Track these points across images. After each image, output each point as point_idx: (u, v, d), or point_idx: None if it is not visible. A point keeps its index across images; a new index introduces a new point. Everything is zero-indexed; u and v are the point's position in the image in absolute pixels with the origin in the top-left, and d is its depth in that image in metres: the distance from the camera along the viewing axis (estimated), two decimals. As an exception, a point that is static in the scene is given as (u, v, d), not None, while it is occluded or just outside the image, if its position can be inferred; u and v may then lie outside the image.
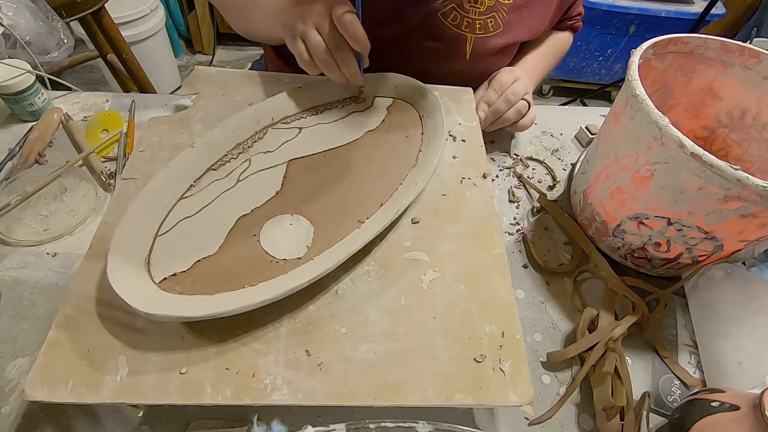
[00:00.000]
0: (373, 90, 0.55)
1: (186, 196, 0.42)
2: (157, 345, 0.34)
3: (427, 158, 0.47)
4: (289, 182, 0.45)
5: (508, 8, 0.60)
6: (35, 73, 0.56)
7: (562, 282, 0.51)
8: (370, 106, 0.54)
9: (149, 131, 0.48)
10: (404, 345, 0.36)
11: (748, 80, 0.50)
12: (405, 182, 0.46)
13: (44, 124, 0.56)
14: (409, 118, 0.53)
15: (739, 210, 0.38)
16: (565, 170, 0.63)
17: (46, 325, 0.41)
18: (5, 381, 0.38)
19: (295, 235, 0.41)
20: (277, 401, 0.32)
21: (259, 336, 0.35)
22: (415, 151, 0.49)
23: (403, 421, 0.33)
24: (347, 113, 0.52)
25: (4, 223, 0.48)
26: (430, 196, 0.46)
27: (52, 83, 0.64)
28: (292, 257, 0.39)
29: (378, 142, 0.50)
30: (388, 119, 0.53)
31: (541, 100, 2.06)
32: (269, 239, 0.40)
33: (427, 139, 0.50)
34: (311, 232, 0.41)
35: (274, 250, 0.40)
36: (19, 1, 1.47)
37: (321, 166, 0.47)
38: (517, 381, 0.35)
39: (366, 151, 0.49)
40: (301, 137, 0.49)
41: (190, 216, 0.41)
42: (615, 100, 0.48)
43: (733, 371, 0.42)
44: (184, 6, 1.89)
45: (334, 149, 0.48)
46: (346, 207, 0.44)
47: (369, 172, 0.47)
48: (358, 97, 0.55)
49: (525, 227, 0.55)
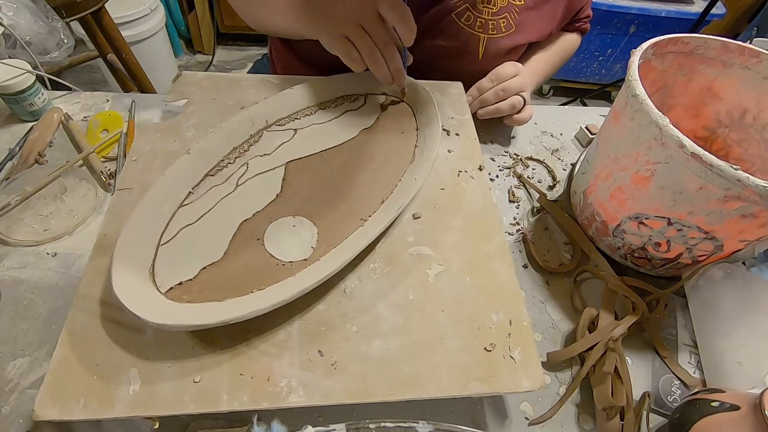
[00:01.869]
0: (366, 88, 0.55)
1: (185, 204, 0.42)
2: (168, 355, 0.34)
3: (424, 153, 0.47)
4: (288, 184, 0.45)
5: (520, 9, 0.61)
6: (35, 73, 0.56)
7: (562, 282, 0.51)
8: (363, 104, 0.54)
9: (140, 140, 0.47)
10: (416, 338, 0.36)
11: (748, 80, 0.50)
12: (404, 178, 0.46)
13: (44, 124, 0.56)
14: (402, 114, 0.53)
15: (739, 210, 0.38)
16: (565, 170, 0.63)
17: (46, 325, 0.42)
18: (5, 381, 0.38)
19: (299, 236, 0.41)
20: (294, 403, 0.32)
21: (271, 339, 0.35)
22: (412, 146, 0.49)
23: (403, 421, 0.33)
24: (341, 112, 0.52)
25: (4, 223, 0.48)
26: (428, 191, 0.46)
27: (52, 83, 0.63)
28: (298, 259, 0.39)
29: (374, 140, 0.50)
30: (382, 116, 0.53)
31: (541, 100, 2.06)
32: (274, 242, 0.40)
33: (422, 135, 0.50)
34: (315, 233, 0.41)
35: (279, 253, 0.40)
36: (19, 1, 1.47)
37: (319, 166, 0.47)
38: (528, 367, 0.36)
39: (363, 149, 0.49)
40: (297, 138, 0.49)
41: (192, 223, 0.41)
42: (615, 100, 0.48)
43: (733, 371, 0.42)
44: (184, 6, 1.89)
45: (331, 149, 0.48)
46: (347, 206, 0.44)
47: (367, 169, 0.47)
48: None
49: (525, 227, 0.55)
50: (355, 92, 0.55)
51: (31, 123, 0.57)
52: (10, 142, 0.55)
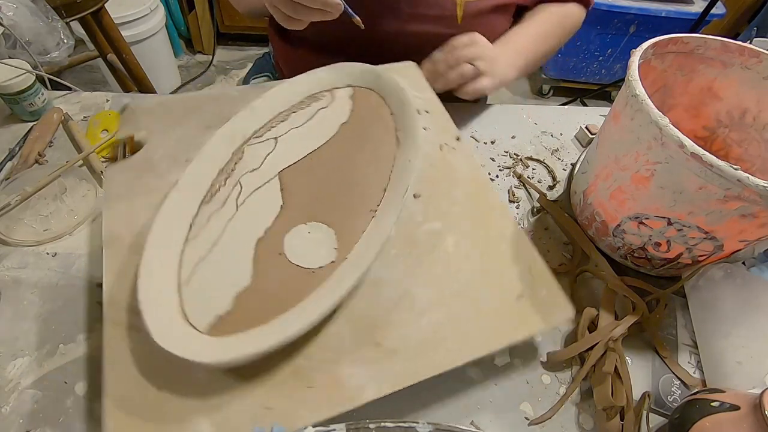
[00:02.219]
0: (330, 83, 0.53)
1: (190, 239, 0.40)
2: (229, 389, 0.33)
3: (407, 135, 0.47)
4: (289, 194, 0.44)
5: None
6: (35, 73, 0.56)
7: (562, 282, 0.50)
8: (333, 100, 0.52)
9: (110, 184, 0.44)
10: (456, 307, 0.39)
11: (748, 80, 0.50)
12: (397, 162, 0.46)
13: (44, 124, 0.56)
14: (374, 102, 0.52)
15: (739, 210, 0.38)
16: (565, 170, 0.63)
17: (46, 325, 0.42)
18: (5, 381, 0.38)
19: (317, 241, 0.41)
20: (369, 398, 0.34)
21: (325, 345, 0.36)
22: (392, 131, 0.49)
23: (403, 421, 0.33)
24: (314, 112, 0.51)
25: (4, 223, 0.48)
26: (419, 170, 0.46)
27: (52, 83, 0.63)
28: (326, 263, 0.39)
29: (356, 132, 0.49)
30: (356, 108, 0.51)
31: (541, 100, 2.06)
32: (296, 253, 0.40)
33: (398, 118, 0.49)
34: (332, 234, 0.41)
35: (305, 262, 0.39)
36: (19, 1, 1.47)
37: (312, 169, 0.46)
38: (558, 303, 0.40)
39: (348, 143, 0.48)
40: (279, 147, 0.47)
41: (205, 257, 0.39)
42: (615, 100, 0.48)
43: (733, 371, 0.42)
44: (184, 6, 1.89)
45: (318, 149, 0.48)
46: (353, 201, 0.43)
47: (359, 161, 0.47)
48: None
49: (525, 227, 0.55)
50: (321, 89, 0.53)
51: (31, 123, 0.57)
52: (10, 142, 0.56)
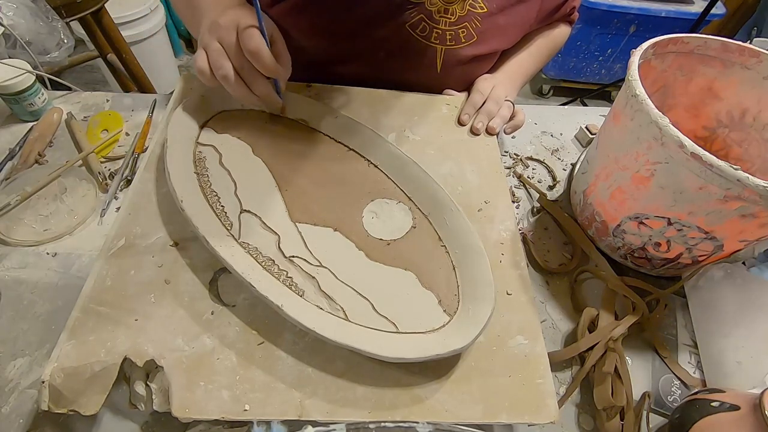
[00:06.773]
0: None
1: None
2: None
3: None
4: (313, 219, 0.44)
5: (482, 17, 0.57)
6: (35, 73, 0.56)
7: (562, 282, 0.51)
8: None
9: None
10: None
11: (748, 80, 0.50)
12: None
13: (44, 124, 0.56)
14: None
15: (739, 210, 0.38)
16: (565, 170, 0.63)
17: (46, 325, 0.42)
18: (5, 381, 0.38)
19: (391, 220, 0.45)
20: None
21: None
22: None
23: (403, 421, 0.33)
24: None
25: (4, 223, 0.48)
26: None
27: (52, 83, 0.64)
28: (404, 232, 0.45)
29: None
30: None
31: (541, 100, 2.06)
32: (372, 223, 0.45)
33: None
34: (407, 212, 0.46)
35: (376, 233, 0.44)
36: (19, 1, 1.47)
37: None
38: None
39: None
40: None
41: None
42: (615, 100, 0.48)
43: (733, 371, 0.42)
44: (184, 6, 1.88)
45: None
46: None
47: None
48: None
49: (525, 227, 0.55)
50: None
51: (31, 123, 0.57)
52: (10, 142, 0.55)
